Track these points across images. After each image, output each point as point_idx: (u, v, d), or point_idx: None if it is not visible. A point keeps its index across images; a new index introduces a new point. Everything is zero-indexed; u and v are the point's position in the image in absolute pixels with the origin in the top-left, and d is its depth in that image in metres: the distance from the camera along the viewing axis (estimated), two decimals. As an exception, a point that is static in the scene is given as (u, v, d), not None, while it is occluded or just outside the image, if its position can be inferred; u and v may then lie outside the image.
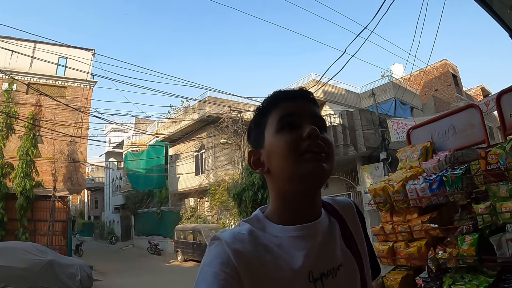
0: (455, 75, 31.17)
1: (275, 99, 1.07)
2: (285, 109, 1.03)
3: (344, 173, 18.52)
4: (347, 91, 26.16)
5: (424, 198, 2.74)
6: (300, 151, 0.97)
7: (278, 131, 1.01)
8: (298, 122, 1.01)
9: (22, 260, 11.45)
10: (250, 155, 1.10)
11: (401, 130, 14.05)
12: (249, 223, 1.02)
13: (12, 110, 19.96)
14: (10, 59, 22.17)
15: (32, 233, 19.29)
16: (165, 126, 30.80)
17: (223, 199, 23.18)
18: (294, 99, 1.06)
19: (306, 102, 1.06)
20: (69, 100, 23.22)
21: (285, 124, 1.01)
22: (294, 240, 0.98)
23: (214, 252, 0.92)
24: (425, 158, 3.18)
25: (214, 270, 0.87)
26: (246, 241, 0.94)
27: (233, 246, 0.91)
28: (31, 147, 20.08)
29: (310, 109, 1.05)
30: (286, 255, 0.95)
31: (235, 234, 0.97)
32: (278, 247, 0.96)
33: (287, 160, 0.97)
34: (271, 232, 1.00)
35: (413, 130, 3.70)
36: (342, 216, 1.14)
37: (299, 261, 0.94)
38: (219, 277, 0.85)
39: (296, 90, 1.09)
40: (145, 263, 22.45)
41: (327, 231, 1.05)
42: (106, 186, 47.08)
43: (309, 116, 1.03)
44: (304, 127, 0.99)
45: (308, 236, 1.00)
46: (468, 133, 3.06)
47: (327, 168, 0.98)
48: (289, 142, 0.98)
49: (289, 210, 1.02)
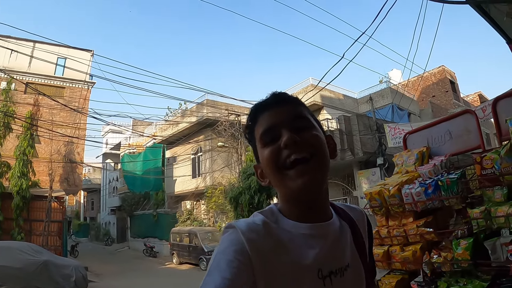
0: (453, 82, 31.25)
1: (253, 115, 1.11)
2: (263, 124, 1.06)
3: (340, 178, 18.53)
4: (344, 96, 26.17)
5: (420, 202, 2.76)
6: (282, 164, 1.00)
7: (263, 146, 1.05)
8: (278, 133, 1.02)
9: (17, 260, 11.41)
10: (256, 169, 1.13)
11: (398, 135, 14.08)
12: (263, 215, 1.03)
13: (10, 109, 19.93)
14: (9, 58, 22.18)
15: (27, 233, 19.24)
16: (163, 128, 30.77)
17: (219, 202, 23.16)
18: (270, 109, 1.07)
19: (281, 108, 1.07)
20: (67, 100, 23.24)
21: (267, 140, 1.04)
22: (305, 238, 1.00)
23: (229, 239, 0.93)
24: (421, 163, 3.19)
25: (228, 258, 0.88)
26: (261, 231, 0.95)
27: (247, 235, 0.92)
28: (28, 147, 20.07)
29: (286, 114, 1.05)
30: (297, 250, 0.96)
31: (250, 223, 0.97)
32: (290, 241, 0.97)
33: (274, 175, 1.02)
34: (284, 227, 1.01)
35: (410, 135, 3.72)
36: (355, 221, 1.16)
37: (309, 258, 0.96)
38: (233, 265, 0.86)
39: (269, 98, 1.10)
40: (140, 265, 22.39)
41: (338, 233, 1.07)
42: (103, 187, 47.00)
43: (286, 123, 1.03)
44: (282, 137, 1.00)
45: (319, 236, 1.02)
46: (464, 139, 3.07)
47: (319, 176, 1.00)
48: (270, 156, 1.01)
49: (298, 211, 1.04)
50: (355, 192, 17.21)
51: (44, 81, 24.52)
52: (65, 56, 22.41)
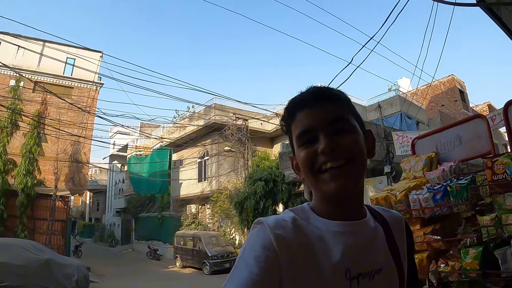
0: (462, 91, 31.15)
1: (290, 111, 1.09)
2: (300, 124, 1.04)
3: (347, 185, 18.44)
4: (353, 103, 26.09)
5: (427, 208, 2.68)
6: (316, 167, 1.00)
7: (299, 146, 1.04)
8: (315, 135, 1.01)
9: (19, 257, 11.43)
10: (292, 160, 1.13)
11: (406, 143, 13.96)
12: (293, 212, 1.03)
13: (18, 107, 20.10)
14: (18, 56, 22.32)
15: (31, 231, 19.33)
16: (170, 131, 30.86)
17: (224, 207, 23.17)
18: (308, 107, 1.04)
19: (320, 107, 1.04)
20: (75, 100, 23.32)
21: (303, 142, 1.03)
22: (335, 235, 0.99)
23: (257, 235, 0.94)
24: (430, 168, 3.11)
25: (255, 253, 0.89)
26: (289, 228, 0.95)
27: (275, 231, 0.93)
28: (35, 145, 20.21)
29: (325, 115, 1.03)
30: (326, 247, 0.96)
31: (278, 220, 0.98)
32: (319, 238, 0.97)
33: (308, 176, 1.03)
34: (314, 224, 1.01)
35: (418, 140, 3.64)
36: (389, 225, 1.14)
37: (338, 256, 0.95)
38: (260, 259, 0.87)
39: (309, 93, 1.08)
40: (143, 267, 22.40)
41: (371, 234, 1.06)
42: (109, 188, 47.20)
43: (325, 126, 1.01)
44: (320, 141, 0.99)
45: (349, 233, 1.01)
46: (474, 144, 2.99)
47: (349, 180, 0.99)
48: (306, 159, 1.01)
49: (330, 208, 1.04)
50: (361, 200, 17.12)
51: (53, 80, 24.64)
52: (75, 56, 22.55)
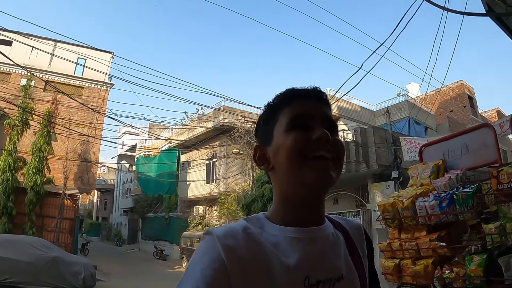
0: (471, 97, 30.95)
1: (287, 96, 1.06)
2: (297, 109, 1.02)
3: (354, 190, 18.41)
4: (361, 107, 26.10)
5: (434, 215, 2.71)
6: (307, 153, 0.96)
7: (287, 130, 0.99)
8: (310, 123, 0.99)
9: (27, 254, 11.51)
10: (256, 150, 1.08)
11: (413, 149, 13.94)
12: (246, 221, 1.00)
13: (29, 106, 20.26)
14: (30, 56, 22.53)
15: (39, 229, 19.44)
16: (179, 133, 30.95)
17: (232, 208, 23.16)
18: (307, 99, 1.04)
19: (319, 103, 1.05)
20: (85, 100, 23.47)
21: (295, 124, 0.99)
22: (291, 241, 0.95)
23: (205, 247, 0.90)
24: (436, 176, 3.15)
25: (202, 266, 0.85)
26: (239, 237, 0.92)
27: (224, 241, 0.88)
28: (45, 144, 20.35)
29: (322, 110, 1.04)
30: (282, 254, 0.92)
31: (228, 229, 0.94)
32: (274, 246, 0.93)
33: (293, 161, 0.96)
34: (269, 231, 0.97)
35: (426, 147, 3.67)
36: (349, 233, 1.12)
37: (295, 263, 0.91)
38: (206, 273, 0.84)
39: (310, 89, 1.07)
40: (149, 267, 22.45)
41: (330, 240, 1.03)
42: (116, 188, 47.34)
43: (321, 118, 1.01)
44: (315, 130, 0.98)
45: (307, 240, 0.97)
46: (481, 153, 3.02)
47: (334, 176, 0.97)
48: (297, 142, 0.96)
49: (290, 213, 1.00)
50: (368, 205, 17.05)
51: (64, 80, 24.82)
52: (85, 57, 22.71)
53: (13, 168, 19.37)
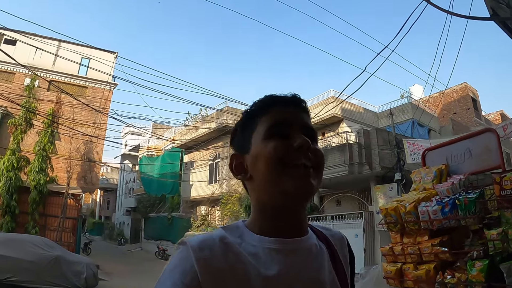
0: (475, 99, 30.87)
1: (266, 104, 1.04)
2: (276, 116, 0.99)
3: (357, 192, 18.41)
4: (365, 109, 26.05)
5: (436, 220, 2.72)
6: (287, 161, 0.92)
7: (266, 138, 0.97)
8: (288, 131, 0.97)
9: (30, 253, 11.54)
10: (232, 159, 1.05)
11: (416, 151, 13.91)
12: (225, 230, 0.97)
13: (32, 106, 20.27)
14: (34, 56, 22.60)
15: (42, 228, 19.44)
16: (182, 133, 31.01)
17: (234, 209, 23.17)
18: (285, 106, 1.02)
19: (298, 111, 1.03)
20: (89, 100, 23.55)
21: (274, 132, 0.96)
22: (270, 252, 0.91)
23: (177, 258, 0.87)
24: (439, 181, 3.15)
25: (173, 280, 0.82)
26: (216, 247, 0.88)
27: (198, 253, 0.85)
28: (48, 143, 20.37)
29: (302, 118, 1.02)
30: (261, 266, 0.88)
31: (203, 239, 0.90)
32: (253, 256, 0.89)
33: (273, 170, 0.93)
34: (248, 241, 0.93)
35: (429, 152, 3.67)
36: (332, 244, 1.08)
37: (275, 275, 0.87)
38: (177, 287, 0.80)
39: (289, 96, 1.04)
40: (152, 267, 22.43)
41: (313, 252, 0.99)
42: (119, 187, 47.40)
43: (300, 126, 0.99)
44: (294, 137, 0.95)
45: (288, 251, 0.93)
46: (484, 158, 3.02)
47: (315, 185, 0.94)
48: (277, 150, 0.93)
49: (269, 222, 0.97)
50: (370, 207, 17.03)
51: (67, 80, 24.93)
52: (89, 57, 22.73)
53: (16, 167, 19.40)
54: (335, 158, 16.93)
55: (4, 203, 18.54)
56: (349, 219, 16.49)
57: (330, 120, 21.81)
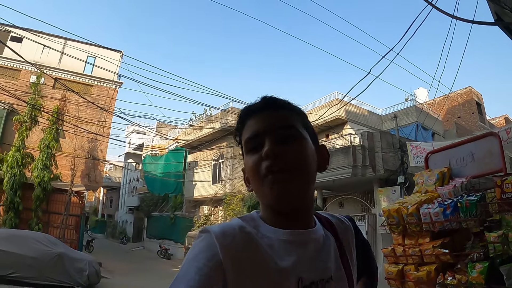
0: (479, 103, 30.75)
1: (242, 118, 1.09)
2: (248, 131, 1.05)
3: (360, 194, 18.39)
4: (369, 112, 26.00)
5: (437, 222, 2.74)
6: (261, 172, 0.97)
7: (247, 153, 1.05)
8: (262, 141, 1.00)
9: (32, 249, 11.59)
10: (244, 173, 1.11)
11: (420, 154, 13.87)
12: (242, 220, 1.00)
13: (38, 103, 20.35)
14: (41, 54, 22.71)
15: (45, 225, 19.51)
16: (186, 133, 31.02)
17: (237, 210, 23.17)
18: (257, 114, 1.06)
19: (270, 115, 1.05)
20: (94, 98, 23.60)
21: (250, 147, 1.03)
22: (284, 244, 0.96)
23: (201, 245, 0.90)
24: (441, 183, 3.17)
25: (197, 265, 0.85)
26: (237, 236, 0.91)
27: (221, 240, 0.88)
28: (53, 141, 20.43)
29: (272, 121, 1.03)
30: (276, 256, 0.92)
31: (225, 228, 0.93)
32: (269, 247, 0.94)
33: (255, 182, 1.01)
34: (264, 232, 0.97)
35: (432, 154, 3.69)
36: (338, 231, 1.14)
37: (289, 265, 0.92)
38: (201, 272, 0.83)
39: (260, 102, 1.08)
40: (153, 266, 22.50)
41: (321, 242, 1.04)
42: (123, 186, 47.46)
43: (271, 132, 1.01)
44: (264, 145, 0.99)
45: (299, 242, 0.99)
46: (487, 161, 3.04)
47: (294, 188, 0.97)
48: (252, 165, 1.00)
49: (277, 218, 1.01)
50: (373, 209, 17.03)
51: (73, 78, 25.07)
52: (95, 55, 22.87)
53: (21, 164, 19.48)
54: (338, 160, 16.92)
55: (8, 199, 18.62)
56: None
57: (334, 122, 21.81)
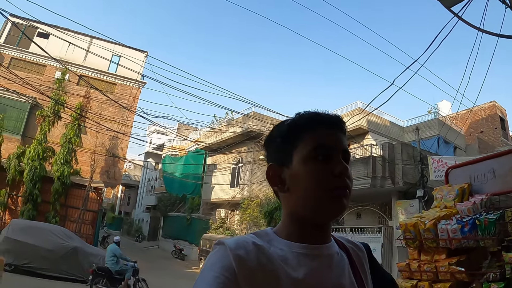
0: (503, 119, 30.23)
1: (312, 121, 1.07)
2: (322, 138, 1.04)
3: (378, 206, 18.22)
4: (391, 123, 25.77)
5: (455, 239, 2.70)
6: (328, 186, 0.99)
7: (311, 158, 1.02)
8: (331, 155, 1.02)
9: (48, 241, 11.77)
10: (270, 170, 1.09)
11: (441, 168, 13.70)
12: (255, 235, 1.02)
13: (61, 98, 20.73)
14: (67, 50, 23.05)
15: (62, 218, 19.82)
16: (207, 135, 31.18)
17: (254, 214, 23.17)
18: (330, 128, 1.06)
19: (341, 133, 1.07)
20: (117, 96, 23.86)
21: (318, 154, 1.02)
22: (298, 256, 0.98)
23: (217, 256, 0.92)
24: (461, 199, 3.12)
25: (215, 274, 0.87)
26: (250, 249, 0.93)
27: (236, 252, 0.90)
28: (74, 136, 20.79)
29: (343, 142, 1.06)
30: (290, 269, 0.94)
31: (239, 241, 0.95)
32: (282, 260, 0.95)
33: (315, 191, 1.00)
34: (277, 246, 0.99)
35: (452, 169, 3.64)
36: (351, 254, 1.14)
37: (301, 276, 0.94)
38: (218, 280, 0.85)
39: (335, 118, 1.09)
40: (167, 265, 22.61)
41: (335, 258, 1.05)
42: (141, 185, 47.89)
43: (341, 151, 1.04)
44: (335, 162, 1.01)
45: (314, 256, 1.00)
46: (508, 179, 2.98)
47: (347, 204, 1.01)
48: (321, 176, 1.00)
49: (300, 231, 1.03)
50: (390, 222, 16.84)
51: (97, 76, 25.37)
52: (120, 54, 23.17)
53: (42, 157, 19.82)
54: (358, 170, 16.80)
55: (27, 191, 18.99)
56: (368, 233, 16.35)
57: (355, 131, 21.66)
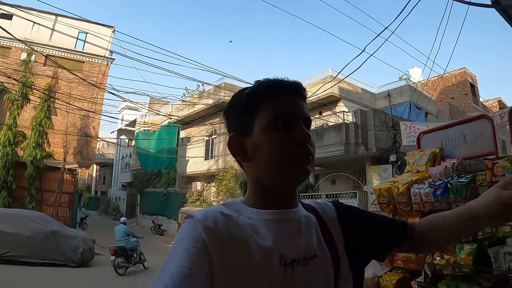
0: (473, 85, 30.75)
1: (271, 89, 1.06)
2: (282, 106, 1.04)
3: (352, 172, 18.50)
4: (363, 90, 25.91)
5: (427, 203, 2.74)
6: (290, 154, 1.00)
7: (271, 127, 1.02)
8: (292, 122, 1.03)
9: (26, 228, 11.63)
10: (231, 140, 1.09)
11: (413, 134, 13.90)
12: (224, 205, 1.05)
13: (29, 81, 20.22)
14: (31, 30, 22.38)
15: (38, 203, 19.59)
16: (179, 109, 30.93)
17: (230, 185, 23.31)
18: (290, 95, 1.06)
19: (301, 100, 1.08)
20: (85, 75, 23.42)
21: (279, 122, 1.02)
22: (266, 223, 1.00)
23: (187, 229, 0.94)
24: (433, 164, 3.17)
25: (186, 246, 0.89)
26: (219, 219, 0.96)
27: (204, 223, 0.93)
28: (45, 118, 20.39)
29: (303, 109, 1.07)
30: (258, 236, 0.96)
31: (208, 212, 0.98)
32: (250, 227, 0.98)
33: (277, 159, 1.00)
34: (245, 214, 1.02)
35: (424, 134, 3.69)
36: (320, 213, 1.16)
37: (271, 243, 0.96)
38: (189, 252, 0.87)
39: (294, 84, 1.09)
40: (147, 241, 22.53)
41: (303, 221, 1.07)
42: (115, 162, 47.52)
43: (302, 117, 1.05)
44: (296, 129, 1.02)
45: (281, 221, 1.02)
46: (478, 144, 3.03)
47: (310, 170, 1.04)
48: (281, 145, 1.00)
49: (266, 199, 1.05)
50: (365, 187, 17.16)
51: (64, 55, 24.74)
52: (86, 31, 22.53)
53: (13, 142, 19.46)
54: (331, 137, 16.98)
55: (0, 179, 18.66)
56: (343, 198, 16.60)
57: (327, 99, 21.76)
